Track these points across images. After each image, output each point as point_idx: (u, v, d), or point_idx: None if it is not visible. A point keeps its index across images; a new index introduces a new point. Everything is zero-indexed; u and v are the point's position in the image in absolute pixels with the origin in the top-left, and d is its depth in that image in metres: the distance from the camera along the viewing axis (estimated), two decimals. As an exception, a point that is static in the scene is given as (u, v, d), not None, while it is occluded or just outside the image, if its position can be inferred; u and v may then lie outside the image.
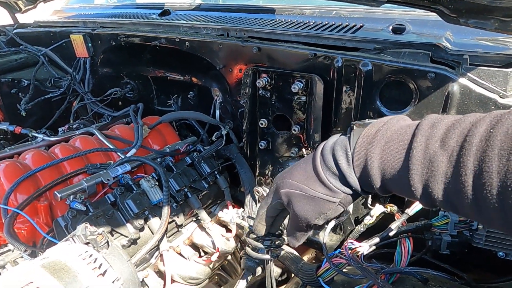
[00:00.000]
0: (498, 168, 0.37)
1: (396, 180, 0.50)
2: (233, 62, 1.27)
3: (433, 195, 0.46)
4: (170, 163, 1.24)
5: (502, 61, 0.94)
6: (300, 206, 0.60)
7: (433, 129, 0.46)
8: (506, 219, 0.38)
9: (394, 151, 0.50)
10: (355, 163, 0.54)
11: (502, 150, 0.37)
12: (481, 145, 0.39)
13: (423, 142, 0.46)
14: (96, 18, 1.73)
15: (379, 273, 0.87)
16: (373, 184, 0.53)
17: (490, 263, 1.00)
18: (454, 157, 0.42)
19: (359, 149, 0.54)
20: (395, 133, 0.51)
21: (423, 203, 0.49)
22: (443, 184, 0.44)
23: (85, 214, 0.96)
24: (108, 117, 1.64)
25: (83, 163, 1.18)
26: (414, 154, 0.46)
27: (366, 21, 1.23)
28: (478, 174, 0.39)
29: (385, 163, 0.51)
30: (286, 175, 0.63)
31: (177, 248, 1.19)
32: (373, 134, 0.54)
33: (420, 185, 0.47)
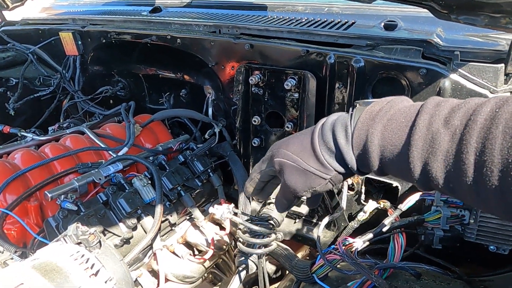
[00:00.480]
0: (501, 146, 0.37)
1: (395, 158, 0.50)
2: (226, 59, 1.26)
3: (431, 174, 0.45)
4: (163, 162, 1.23)
5: (492, 57, 0.95)
6: (290, 177, 0.60)
7: (438, 108, 0.46)
8: (503, 199, 0.38)
9: (397, 128, 0.49)
10: (355, 139, 0.54)
11: (506, 128, 0.37)
12: (486, 123, 0.39)
13: (426, 119, 0.46)
14: (85, 15, 1.70)
15: (373, 269, 0.87)
16: (371, 162, 0.53)
17: (482, 256, 1.01)
18: (457, 135, 0.42)
19: (360, 125, 0.53)
20: (398, 111, 0.51)
21: (420, 184, 0.48)
22: (443, 162, 0.43)
23: (77, 214, 0.95)
24: (99, 115, 1.63)
25: (74, 162, 1.16)
26: (417, 131, 0.46)
27: (358, 18, 1.23)
28: (481, 152, 0.39)
29: (386, 140, 0.50)
30: (282, 145, 0.63)
31: (170, 247, 1.18)
32: (377, 111, 0.53)
33: (420, 163, 0.46)
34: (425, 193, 0.96)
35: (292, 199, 0.67)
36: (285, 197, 0.67)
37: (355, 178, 1.15)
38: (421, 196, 0.96)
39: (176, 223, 1.21)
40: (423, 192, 0.96)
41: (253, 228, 0.93)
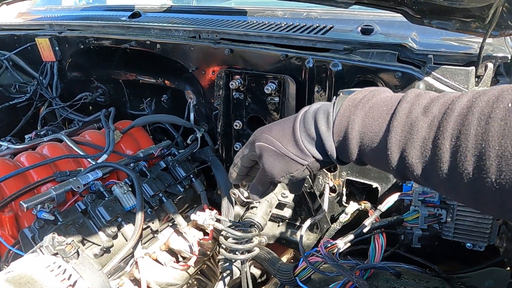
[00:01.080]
0: (475, 131, 0.38)
1: (374, 145, 0.50)
2: (206, 64, 1.26)
3: (407, 161, 0.46)
4: (144, 168, 1.22)
5: (464, 60, 0.99)
6: (269, 161, 0.61)
7: (418, 98, 0.47)
8: (474, 185, 0.39)
9: (377, 116, 0.50)
10: (336, 126, 0.54)
11: (481, 115, 0.38)
12: (463, 111, 0.40)
13: (406, 108, 0.47)
14: (63, 20, 1.67)
15: (354, 270, 0.88)
16: (350, 149, 0.53)
17: (459, 254, 1.04)
18: (435, 123, 0.43)
19: (342, 112, 0.54)
20: (380, 100, 0.52)
21: (396, 172, 0.49)
22: (420, 148, 0.44)
23: (54, 224, 0.93)
24: (78, 122, 1.59)
25: (52, 171, 1.13)
26: (397, 118, 0.47)
27: (336, 22, 1.25)
28: (456, 138, 0.40)
29: (366, 127, 0.51)
30: (265, 130, 0.63)
31: (153, 254, 1.17)
32: (359, 99, 0.54)
33: (397, 149, 0.47)
34: (403, 193, 0.98)
35: (268, 185, 0.66)
36: (261, 183, 0.66)
37: (336, 180, 1.17)
38: (400, 197, 0.98)
39: (159, 230, 1.19)
40: (401, 193, 0.98)
41: (236, 234, 0.93)
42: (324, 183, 1.17)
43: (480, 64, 0.94)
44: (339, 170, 1.14)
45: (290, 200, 1.21)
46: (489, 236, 0.93)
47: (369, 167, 1.09)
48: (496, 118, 0.37)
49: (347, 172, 1.13)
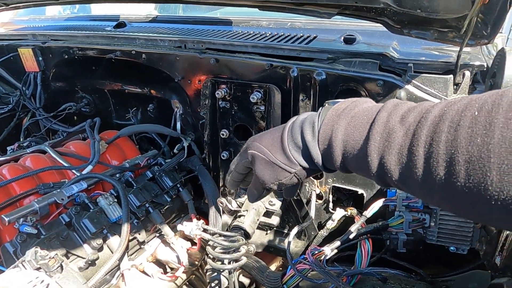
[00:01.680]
0: (446, 139, 0.40)
1: (355, 152, 0.53)
2: (192, 74, 1.27)
3: (386, 167, 0.48)
4: (130, 179, 1.21)
5: (443, 68, 1.02)
6: (260, 168, 0.64)
7: (396, 108, 0.50)
8: (447, 189, 0.41)
9: (359, 125, 0.53)
10: (321, 134, 0.57)
11: (451, 123, 0.41)
12: (435, 120, 0.43)
13: (385, 117, 0.50)
14: (46, 30, 1.65)
15: (341, 276, 0.89)
16: (334, 157, 0.56)
17: (444, 257, 1.06)
18: (411, 131, 0.45)
19: (326, 121, 0.57)
20: (362, 110, 0.55)
21: (377, 178, 0.51)
22: (397, 155, 0.47)
23: (37, 237, 0.91)
24: (62, 133, 1.57)
25: (35, 183, 1.11)
26: (375, 126, 0.50)
27: (319, 32, 1.28)
28: (429, 145, 0.42)
29: (349, 135, 0.54)
30: (257, 138, 0.67)
31: (140, 266, 1.15)
32: (342, 109, 0.57)
33: (377, 156, 0.49)
34: (388, 199, 0.99)
35: (262, 190, 0.70)
36: (256, 188, 0.70)
37: (323, 187, 1.18)
38: (384, 202, 0.99)
39: (145, 241, 1.18)
40: (386, 199, 1.00)
41: (222, 244, 0.93)
42: (311, 190, 1.18)
43: (458, 72, 0.97)
44: (325, 177, 1.15)
45: (278, 208, 1.22)
46: (471, 240, 0.96)
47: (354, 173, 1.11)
48: (464, 125, 0.39)
49: (333, 179, 1.14)
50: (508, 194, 0.35)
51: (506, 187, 0.35)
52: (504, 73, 0.76)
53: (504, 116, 0.36)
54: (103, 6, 2.14)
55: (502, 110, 0.36)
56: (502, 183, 0.35)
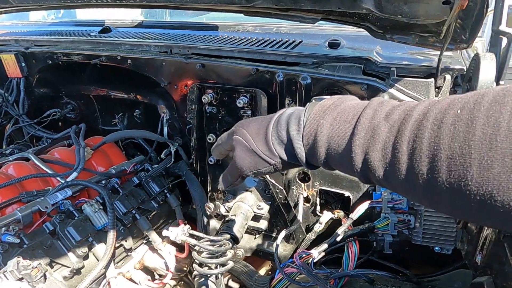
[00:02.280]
0: (429, 135, 0.41)
1: (339, 149, 0.53)
2: (178, 79, 1.26)
3: (370, 163, 0.48)
4: (116, 185, 1.19)
5: (425, 72, 1.04)
6: (240, 155, 0.65)
7: (381, 105, 0.51)
8: (428, 185, 0.41)
9: (344, 121, 0.53)
10: (306, 129, 0.58)
11: (435, 120, 0.42)
12: (419, 118, 0.44)
13: (370, 114, 0.50)
14: (30, 36, 1.63)
15: (329, 278, 0.90)
16: (318, 153, 0.56)
17: (429, 258, 1.07)
18: (395, 127, 0.46)
19: (312, 117, 0.57)
20: (347, 106, 0.56)
21: (360, 174, 0.52)
22: (381, 151, 0.47)
23: (19, 247, 0.89)
24: (47, 140, 1.54)
25: (17, 191, 1.09)
26: (360, 123, 0.50)
27: (304, 37, 1.29)
28: (413, 141, 0.43)
29: (334, 131, 0.54)
30: (244, 124, 0.68)
31: (127, 273, 1.14)
32: (328, 105, 0.58)
33: (361, 152, 0.50)
34: (374, 201, 1.01)
35: (237, 177, 0.71)
36: (231, 174, 0.71)
37: (310, 190, 1.18)
38: (370, 205, 1.01)
39: (132, 248, 1.16)
40: (371, 201, 1.01)
41: (208, 248, 0.92)
42: (298, 194, 1.19)
43: (439, 76, 0.99)
44: (312, 180, 1.16)
45: (266, 212, 1.22)
46: (455, 240, 0.98)
47: (340, 176, 1.12)
48: (447, 123, 0.40)
49: (320, 182, 1.15)
50: (487, 189, 0.36)
51: (485, 182, 0.36)
52: (478, 78, 0.78)
53: (485, 114, 0.37)
54: (88, 11, 2.12)
55: (484, 108, 0.38)
56: (482, 179, 0.36)
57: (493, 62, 0.77)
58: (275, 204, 1.22)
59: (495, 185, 0.35)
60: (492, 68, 0.77)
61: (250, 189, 1.24)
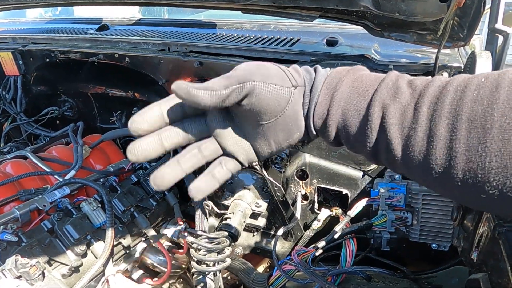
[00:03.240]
0: (451, 98, 0.42)
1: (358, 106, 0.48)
2: (176, 77, 1.26)
3: (386, 123, 0.45)
4: (114, 183, 1.19)
5: (422, 70, 1.04)
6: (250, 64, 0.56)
7: (403, 75, 0.49)
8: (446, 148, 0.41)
9: (366, 79, 0.49)
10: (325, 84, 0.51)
11: (458, 86, 0.42)
12: (442, 84, 0.44)
13: (394, 77, 0.48)
14: (27, 33, 1.63)
15: (326, 276, 0.90)
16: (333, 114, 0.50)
17: (426, 255, 1.08)
18: (417, 91, 0.45)
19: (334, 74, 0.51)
20: (368, 74, 0.51)
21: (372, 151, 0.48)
22: (399, 110, 0.45)
23: (17, 245, 0.88)
24: (44, 138, 1.54)
25: (15, 189, 1.09)
26: (384, 82, 0.47)
27: (302, 35, 1.29)
28: (434, 103, 0.43)
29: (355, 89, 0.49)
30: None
31: (125, 271, 1.14)
32: (347, 69, 0.52)
33: (378, 109, 0.46)
34: (371, 199, 1.01)
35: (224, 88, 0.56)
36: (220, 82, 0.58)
37: (308, 188, 1.19)
38: (368, 202, 1.01)
39: (131, 246, 1.16)
40: (369, 198, 1.02)
41: (206, 246, 0.93)
42: (296, 191, 1.19)
43: (436, 73, 0.99)
44: (310, 178, 1.16)
45: (264, 210, 1.22)
46: (452, 237, 0.98)
47: (338, 174, 1.12)
48: (470, 88, 0.41)
49: (318, 179, 1.16)
50: (506, 151, 0.36)
51: (504, 145, 0.36)
52: (476, 75, 0.78)
53: (509, 81, 0.38)
54: (85, 9, 2.11)
55: (508, 77, 0.39)
56: (502, 141, 0.37)
57: (489, 60, 0.78)
58: (273, 202, 1.23)
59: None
60: (488, 66, 0.77)
61: (248, 187, 1.25)
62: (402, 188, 0.99)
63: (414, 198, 0.98)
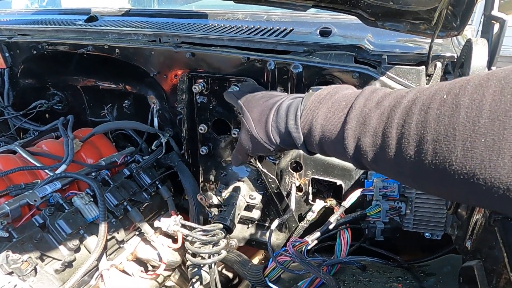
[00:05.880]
0: (416, 120, 0.43)
1: (333, 137, 0.56)
2: (168, 68, 1.24)
3: (362, 149, 0.51)
4: (106, 177, 1.18)
5: (416, 60, 1.04)
6: (244, 137, 0.73)
7: (373, 94, 0.53)
8: (416, 167, 0.43)
9: (337, 110, 0.56)
10: (303, 119, 0.62)
11: (422, 106, 0.43)
12: (408, 104, 0.46)
13: (362, 102, 0.53)
14: (13, 25, 1.58)
15: (321, 266, 0.90)
16: (314, 141, 0.60)
17: (420, 244, 1.09)
18: (385, 114, 0.48)
19: (308, 106, 0.61)
20: (341, 96, 0.59)
21: (353, 160, 0.54)
22: (371, 137, 0.49)
23: (8, 241, 0.87)
24: (34, 132, 1.51)
25: (5, 185, 1.06)
26: (353, 111, 0.53)
27: (295, 25, 1.28)
28: (402, 126, 0.45)
29: (328, 120, 0.57)
30: (249, 106, 0.74)
31: (119, 265, 1.13)
32: (324, 95, 0.61)
33: (353, 139, 0.52)
34: (365, 189, 1.01)
35: (246, 156, 0.78)
36: (240, 154, 0.79)
37: (302, 179, 1.19)
38: (362, 192, 1.01)
39: (124, 240, 1.16)
40: (363, 189, 1.02)
41: (200, 238, 0.92)
42: (291, 183, 1.19)
43: (430, 63, 0.99)
44: (304, 169, 1.16)
45: (258, 202, 1.22)
46: (445, 225, 0.99)
47: (333, 165, 1.12)
48: (433, 108, 0.42)
49: (312, 171, 1.15)
50: (470, 168, 0.37)
51: (468, 162, 0.37)
52: (470, 64, 0.78)
53: (469, 98, 0.38)
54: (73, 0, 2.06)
55: (468, 93, 0.39)
56: (466, 158, 0.37)
57: (485, 48, 0.77)
58: (268, 194, 1.22)
59: (477, 163, 0.36)
60: (484, 54, 0.77)
61: (243, 179, 1.24)
62: (396, 178, 0.99)
63: (408, 188, 0.99)
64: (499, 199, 0.35)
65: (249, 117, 0.72)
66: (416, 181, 0.46)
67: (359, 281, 0.91)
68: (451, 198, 0.44)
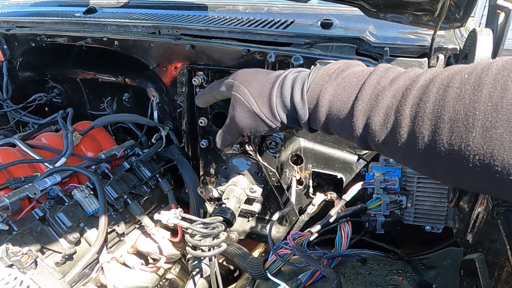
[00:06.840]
0: (434, 98, 0.41)
1: (340, 114, 0.53)
2: (167, 61, 1.23)
3: (371, 128, 0.48)
4: (106, 170, 1.17)
5: (418, 52, 1.03)
6: (241, 115, 0.64)
7: (387, 72, 0.50)
8: (430, 148, 0.41)
9: (348, 86, 0.53)
10: (309, 93, 0.57)
11: (441, 85, 0.41)
12: (425, 83, 0.44)
13: (375, 80, 0.50)
14: (11, 17, 1.56)
15: (322, 259, 0.90)
16: (318, 117, 0.56)
17: (420, 237, 1.09)
18: (400, 92, 0.46)
19: (317, 81, 0.57)
20: (352, 72, 0.55)
21: (359, 139, 0.51)
22: (383, 115, 0.47)
23: (8, 233, 0.87)
24: (33, 125, 1.51)
25: (4, 177, 1.06)
26: (365, 88, 0.50)
27: (296, 17, 1.26)
28: (417, 104, 0.43)
29: (336, 96, 0.54)
30: (244, 80, 0.65)
31: (120, 258, 1.13)
32: (333, 70, 0.57)
33: (362, 117, 0.49)
34: (366, 182, 1.01)
35: (237, 136, 0.69)
36: (231, 134, 0.70)
37: (303, 173, 1.18)
38: (363, 185, 1.01)
39: (125, 233, 1.16)
40: (364, 182, 1.01)
41: (201, 231, 0.92)
42: (291, 176, 1.18)
43: (432, 55, 0.98)
44: (305, 162, 1.16)
45: (259, 195, 1.22)
46: (445, 219, 0.99)
47: (333, 158, 1.12)
48: (453, 86, 0.40)
49: (312, 164, 1.15)
50: (488, 149, 0.36)
51: (487, 142, 0.36)
52: (475, 54, 0.77)
53: (493, 78, 0.37)
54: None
55: (492, 73, 0.38)
56: (484, 139, 0.36)
57: (490, 38, 0.76)
58: (268, 187, 1.22)
59: (497, 144, 0.35)
60: (489, 44, 0.76)
61: (243, 173, 1.24)
62: (397, 171, 0.98)
63: (409, 181, 0.98)
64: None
65: (247, 92, 0.63)
66: (426, 163, 0.43)
67: (360, 274, 0.91)
68: (460, 183, 0.42)
